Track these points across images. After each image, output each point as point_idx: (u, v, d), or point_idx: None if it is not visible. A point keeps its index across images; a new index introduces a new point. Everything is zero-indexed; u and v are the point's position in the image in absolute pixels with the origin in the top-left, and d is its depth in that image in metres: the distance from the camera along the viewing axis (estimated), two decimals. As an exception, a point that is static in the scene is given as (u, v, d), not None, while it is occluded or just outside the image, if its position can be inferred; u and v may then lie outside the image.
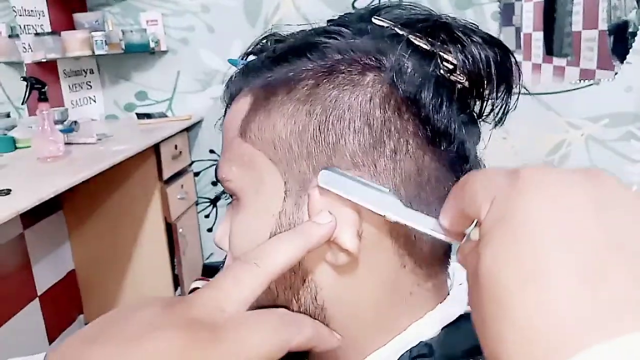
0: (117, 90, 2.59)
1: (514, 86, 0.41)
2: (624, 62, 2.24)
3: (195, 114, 2.51)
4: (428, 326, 0.41)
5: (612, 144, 2.36)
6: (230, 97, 0.45)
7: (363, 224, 0.38)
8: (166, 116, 2.49)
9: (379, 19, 0.40)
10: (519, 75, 0.42)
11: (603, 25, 2.24)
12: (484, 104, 0.41)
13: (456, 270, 0.46)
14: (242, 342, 0.32)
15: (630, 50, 2.23)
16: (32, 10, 2.16)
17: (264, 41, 0.45)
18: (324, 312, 0.40)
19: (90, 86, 2.55)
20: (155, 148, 2.13)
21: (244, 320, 0.33)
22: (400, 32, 0.39)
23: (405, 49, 0.38)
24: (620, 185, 0.24)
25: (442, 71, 0.38)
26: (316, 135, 0.38)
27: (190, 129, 2.53)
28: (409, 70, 0.38)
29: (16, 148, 1.87)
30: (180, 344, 0.30)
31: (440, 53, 0.38)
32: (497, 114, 0.42)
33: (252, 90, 0.42)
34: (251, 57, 0.45)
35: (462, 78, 0.39)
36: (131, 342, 0.30)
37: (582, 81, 2.30)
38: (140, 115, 2.44)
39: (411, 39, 0.39)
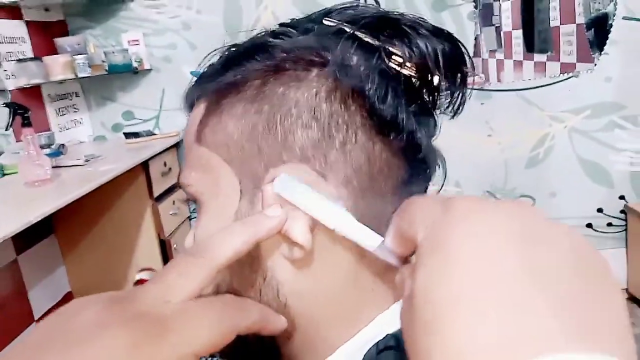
0: (104, 112, 2.60)
1: (468, 76, 0.42)
2: (602, 53, 2.27)
3: (183, 130, 2.50)
4: (393, 318, 0.39)
5: (596, 134, 2.39)
6: (189, 107, 0.46)
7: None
8: (154, 134, 2.50)
9: (328, 20, 0.41)
10: (472, 65, 0.42)
11: (580, 19, 2.27)
12: (437, 96, 0.42)
13: None
14: (190, 330, 0.32)
15: (607, 41, 2.26)
16: (13, 37, 2.17)
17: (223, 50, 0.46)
18: (288, 308, 0.40)
19: (77, 109, 2.57)
20: (145, 166, 2.14)
21: (190, 309, 0.33)
22: (346, 29, 0.40)
23: (349, 43, 0.39)
24: (547, 221, 0.25)
25: (391, 65, 0.39)
26: (265, 133, 0.39)
27: (179, 145, 2.54)
28: (353, 63, 0.39)
29: (4, 174, 1.88)
30: (127, 340, 0.29)
31: (386, 47, 0.39)
32: (454, 105, 0.43)
33: (206, 96, 0.43)
34: None
35: (412, 71, 0.39)
36: (76, 347, 0.29)
37: (561, 74, 2.32)
38: (127, 135, 2.45)
39: (356, 34, 0.39)
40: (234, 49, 0.44)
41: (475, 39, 2.36)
